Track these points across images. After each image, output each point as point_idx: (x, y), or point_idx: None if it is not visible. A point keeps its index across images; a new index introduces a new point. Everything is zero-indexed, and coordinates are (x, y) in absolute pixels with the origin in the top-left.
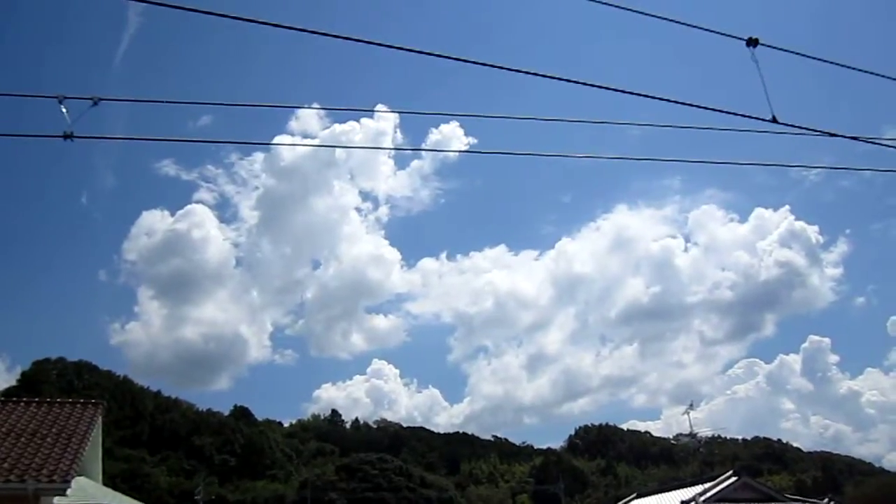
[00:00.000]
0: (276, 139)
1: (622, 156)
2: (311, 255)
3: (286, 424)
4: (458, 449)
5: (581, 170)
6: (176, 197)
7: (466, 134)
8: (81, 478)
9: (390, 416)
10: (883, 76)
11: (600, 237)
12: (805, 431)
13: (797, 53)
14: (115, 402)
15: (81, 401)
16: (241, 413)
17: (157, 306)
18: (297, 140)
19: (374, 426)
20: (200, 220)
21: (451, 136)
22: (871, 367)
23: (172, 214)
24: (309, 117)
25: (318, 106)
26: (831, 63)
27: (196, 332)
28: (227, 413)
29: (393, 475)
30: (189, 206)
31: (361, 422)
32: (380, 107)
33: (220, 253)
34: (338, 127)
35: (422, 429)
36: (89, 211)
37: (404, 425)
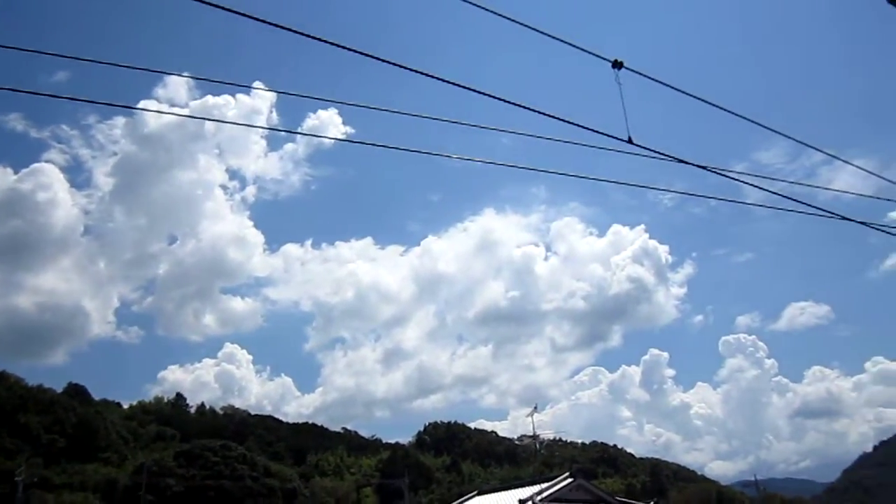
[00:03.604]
0: (142, 104)
1: (490, 160)
2: (168, 230)
3: (125, 406)
4: (306, 440)
5: (453, 171)
6: (21, 154)
7: (345, 123)
8: None
9: (239, 403)
10: (733, 113)
11: (466, 238)
12: (639, 438)
13: (657, 81)
14: None
15: None
16: (76, 391)
17: None
18: (164, 108)
19: (221, 412)
20: (48, 181)
21: (329, 123)
22: (702, 381)
23: (16, 172)
24: (179, 85)
25: (188, 74)
26: (687, 94)
27: (31, 300)
28: (59, 390)
29: (236, 463)
30: (36, 165)
31: (207, 407)
32: (257, 84)
33: (67, 218)
34: (210, 99)
35: (270, 417)
36: None
37: (252, 413)
